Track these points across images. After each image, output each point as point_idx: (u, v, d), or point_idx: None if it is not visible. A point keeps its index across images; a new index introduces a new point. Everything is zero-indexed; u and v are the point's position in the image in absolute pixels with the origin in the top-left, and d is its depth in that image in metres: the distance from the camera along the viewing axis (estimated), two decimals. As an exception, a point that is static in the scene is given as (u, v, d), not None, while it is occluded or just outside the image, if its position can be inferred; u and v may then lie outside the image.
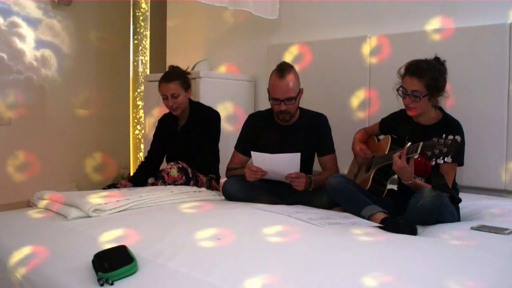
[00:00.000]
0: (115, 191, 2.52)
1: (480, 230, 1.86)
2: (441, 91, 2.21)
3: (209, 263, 1.50)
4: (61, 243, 1.80)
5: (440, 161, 1.89)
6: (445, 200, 2.02)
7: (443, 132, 1.91)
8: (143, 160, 3.16)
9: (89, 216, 2.10)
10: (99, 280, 1.42)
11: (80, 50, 4.76)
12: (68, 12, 4.65)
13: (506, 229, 1.84)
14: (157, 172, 2.78)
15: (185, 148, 2.93)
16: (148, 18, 4.62)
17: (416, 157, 2.02)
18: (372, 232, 1.88)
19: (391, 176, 2.28)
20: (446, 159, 1.88)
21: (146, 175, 2.84)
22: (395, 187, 2.42)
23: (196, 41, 4.31)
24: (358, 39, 3.19)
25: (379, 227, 1.98)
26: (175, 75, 2.91)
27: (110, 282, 1.42)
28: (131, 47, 4.58)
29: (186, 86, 2.91)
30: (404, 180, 2.09)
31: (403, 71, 2.24)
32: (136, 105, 4.60)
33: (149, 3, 4.64)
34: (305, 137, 2.65)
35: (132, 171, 4.47)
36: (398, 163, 2.04)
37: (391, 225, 1.95)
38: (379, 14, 3.20)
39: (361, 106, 3.19)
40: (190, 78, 3.00)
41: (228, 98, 3.66)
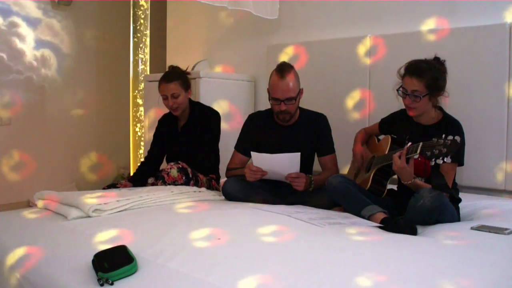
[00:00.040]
0: (115, 191, 2.53)
1: (480, 230, 1.86)
2: (441, 91, 2.21)
3: (209, 263, 1.50)
4: (61, 243, 1.80)
5: (439, 161, 1.90)
6: (445, 200, 2.02)
7: (443, 132, 1.91)
8: (143, 160, 3.16)
9: (89, 216, 2.10)
10: (99, 280, 1.43)
11: (80, 50, 4.76)
12: (68, 12, 4.64)
13: (506, 229, 1.84)
14: (157, 172, 2.78)
15: (185, 148, 2.93)
16: (148, 17, 4.61)
17: (416, 157, 2.03)
18: (371, 232, 1.88)
19: (391, 176, 2.28)
20: (445, 159, 1.88)
21: (146, 175, 2.84)
22: (395, 187, 2.42)
23: (196, 41, 4.31)
24: (358, 39, 3.19)
25: (379, 227, 1.98)
26: (175, 75, 2.91)
27: (110, 282, 1.42)
28: (131, 46, 4.57)
29: (186, 86, 2.92)
30: (403, 180, 2.09)
31: (403, 71, 2.24)
32: (136, 103, 4.59)
33: (149, 2, 4.63)
34: (305, 137, 2.65)
35: (132, 171, 4.47)
36: (398, 163, 2.04)
37: (391, 225, 1.95)
38: (379, 14, 3.20)
39: (361, 106, 3.18)
40: (190, 78, 3.00)
41: (228, 98, 3.66)
